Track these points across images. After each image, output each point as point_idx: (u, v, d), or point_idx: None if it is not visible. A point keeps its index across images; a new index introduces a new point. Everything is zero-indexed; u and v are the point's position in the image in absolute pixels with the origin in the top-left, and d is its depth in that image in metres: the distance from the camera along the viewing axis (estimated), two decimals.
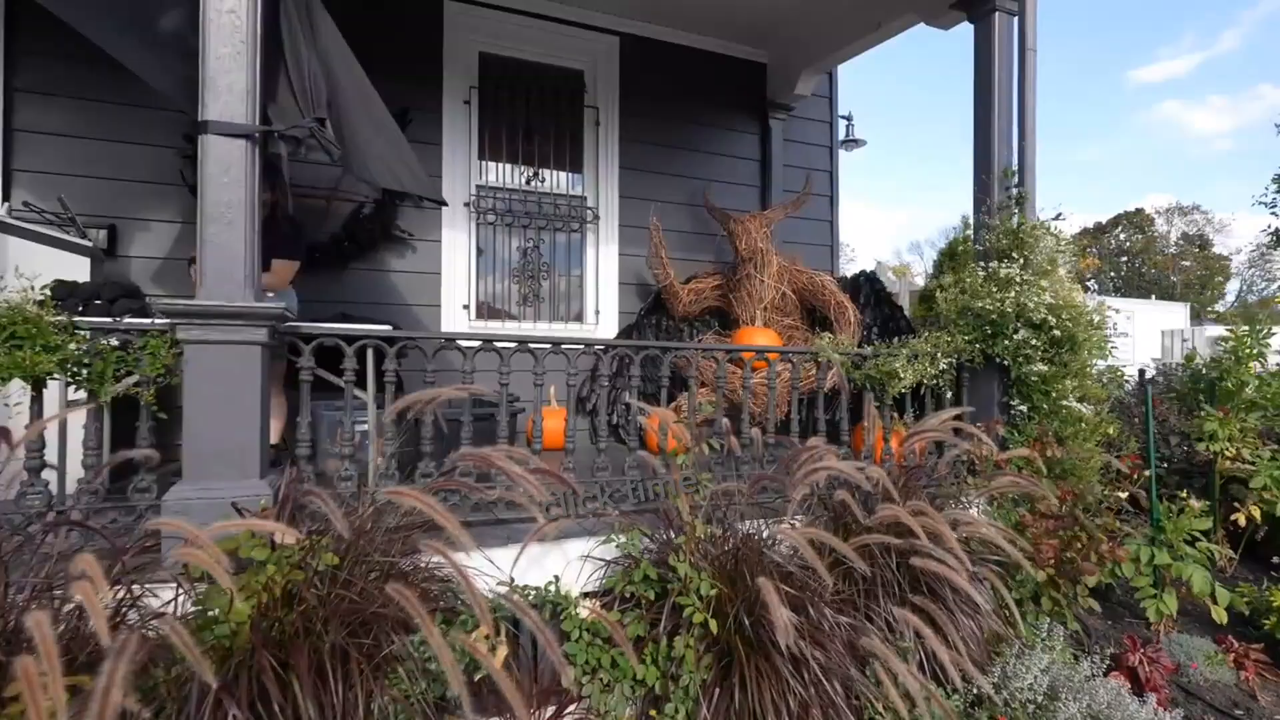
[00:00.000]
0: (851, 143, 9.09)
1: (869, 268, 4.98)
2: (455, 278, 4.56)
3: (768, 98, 5.45)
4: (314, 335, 2.31)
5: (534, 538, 2.23)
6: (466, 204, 4.61)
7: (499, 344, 2.55)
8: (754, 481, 2.30)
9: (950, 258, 6.24)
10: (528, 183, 4.88)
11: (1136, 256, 44.32)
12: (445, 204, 3.74)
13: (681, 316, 5.02)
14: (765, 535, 2.59)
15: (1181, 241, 44.35)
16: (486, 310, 4.74)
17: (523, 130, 4.84)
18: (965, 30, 3.88)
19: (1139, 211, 44.52)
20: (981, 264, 3.48)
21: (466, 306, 4.59)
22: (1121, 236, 44.24)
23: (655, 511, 2.68)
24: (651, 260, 4.69)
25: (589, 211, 4.99)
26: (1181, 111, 69.16)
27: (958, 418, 2.83)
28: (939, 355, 3.29)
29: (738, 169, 5.47)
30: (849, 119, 8.78)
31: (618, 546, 2.31)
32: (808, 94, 5.32)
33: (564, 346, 2.66)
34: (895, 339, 4.14)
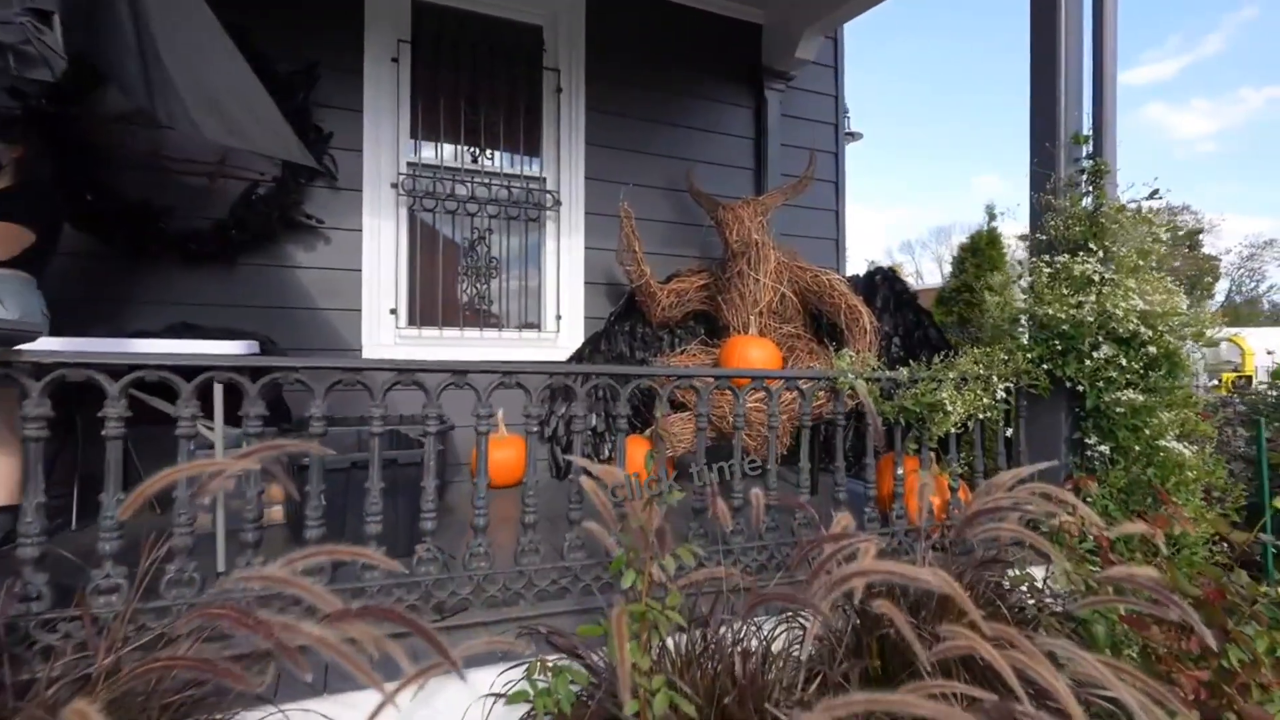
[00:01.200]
0: (847, 135, 8.37)
1: (866, 266, 4.16)
2: (380, 276, 3.70)
3: (763, 64, 4.62)
4: (50, 365, 1.44)
5: (409, 682, 1.40)
6: (394, 185, 3.75)
7: (369, 373, 1.70)
8: (752, 604, 1.45)
9: (973, 253, 5.45)
10: (474, 160, 4.02)
11: None
12: (322, 170, 2.90)
13: (660, 323, 4.19)
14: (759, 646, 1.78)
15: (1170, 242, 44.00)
16: (419, 316, 3.88)
17: (466, 96, 3.98)
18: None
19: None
20: (1045, 259, 2.66)
21: (394, 311, 3.73)
22: None
23: (608, 610, 1.86)
24: (623, 254, 3.85)
25: (549, 196, 4.15)
26: (1166, 114, 69.30)
27: (1019, 470, 2.01)
28: (994, 379, 2.46)
29: (728, 148, 4.64)
30: (845, 110, 8.01)
31: (534, 700, 1.46)
32: (810, 58, 4.50)
33: (472, 375, 1.81)
34: (925, 353, 3.33)
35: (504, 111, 4.08)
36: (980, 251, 5.02)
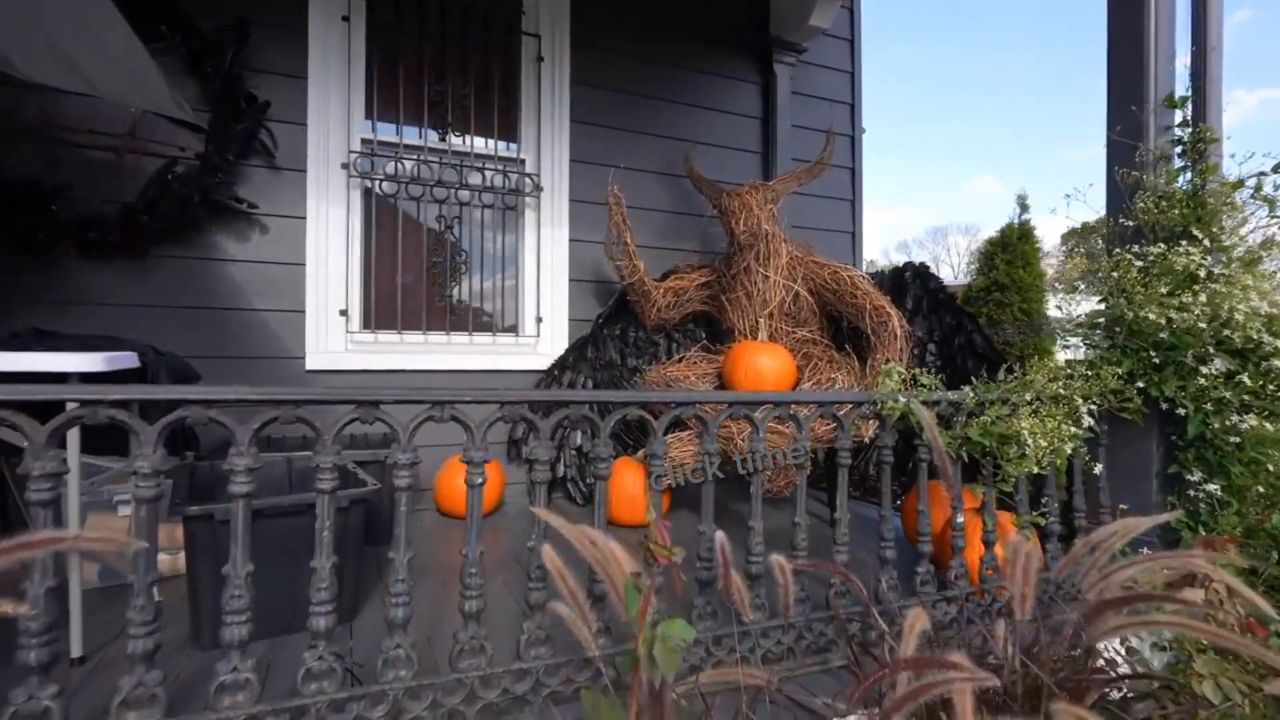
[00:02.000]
0: None
1: (865, 267, 3.66)
2: (328, 271, 3.16)
3: (772, 34, 4.10)
4: None
5: None
6: (345, 165, 3.21)
7: (226, 407, 1.16)
8: None
9: (1003, 249, 4.93)
10: (441, 139, 3.49)
11: None
12: (199, 127, 2.35)
13: (655, 325, 3.66)
14: None
15: None
16: (375, 318, 3.34)
17: (432, 64, 3.45)
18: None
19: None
20: (1133, 249, 2.14)
21: (345, 313, 3.19)
22: None
23: None
24: (612, 247, 3.33)
25: (528, 181, 3.61)
26: None
27: (1130, 522, 1.50)
28: (1078, 401, 1.94)
29: (732, 129, 4.12)
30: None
31: None
32: (825, 26, 3.98)
33: (387, 408, 1.28)
34: (970, 364, 2.81)
35: (476, 83, 3.54)
36: (1011, 246, 4.51)
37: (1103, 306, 2.26)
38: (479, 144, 3.55)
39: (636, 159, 3.81)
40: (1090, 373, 2.03)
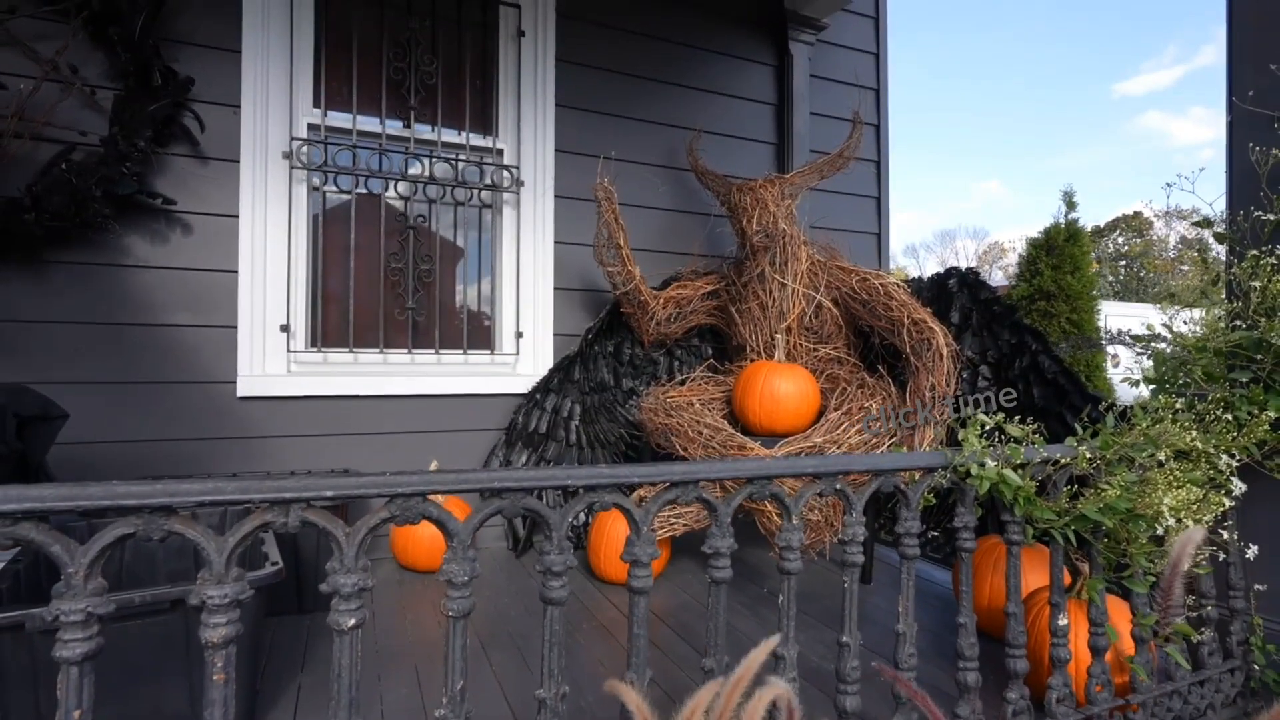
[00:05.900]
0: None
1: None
2: (266, 279, 2.68)
3: (787, 8, 3.60)
4: None
5: None
6: (287, 155, 2.72)
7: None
8: None
9: (1048, 251, 4.43)
10: (405, 125, 3.00)
11: (1135, 260, 43.27)
12: None
13: (654, 341, 3.17)
14: None
15: (1180, 246, 43.18)
16: (324, 334, 2.85)
17: (393, 37, 2.96)
18: None
19: (1137, 215, 43.39)
20: (1279, 254, 1.63)
21: (287, 328, 2.70)
22: (1120, 240, 43.22)
23: None
24: (603, 250, 2.83)
25: (507, 174, 3.12)
26: (1165, 122, 67.53)
27: None
28: (1224, 459, 1.43)
29: (743, 116, 3.62)
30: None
31: None
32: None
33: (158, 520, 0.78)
34: (1039, 393, 2.31)
35: (445, 60, 3.05)
36: (1057, 249, 3.99)
37: (1223, 325, 1.75)
38: (449, 132, 3.06)
39: (633, 149, 3.32)
40: (1229, 417, 1.52)
